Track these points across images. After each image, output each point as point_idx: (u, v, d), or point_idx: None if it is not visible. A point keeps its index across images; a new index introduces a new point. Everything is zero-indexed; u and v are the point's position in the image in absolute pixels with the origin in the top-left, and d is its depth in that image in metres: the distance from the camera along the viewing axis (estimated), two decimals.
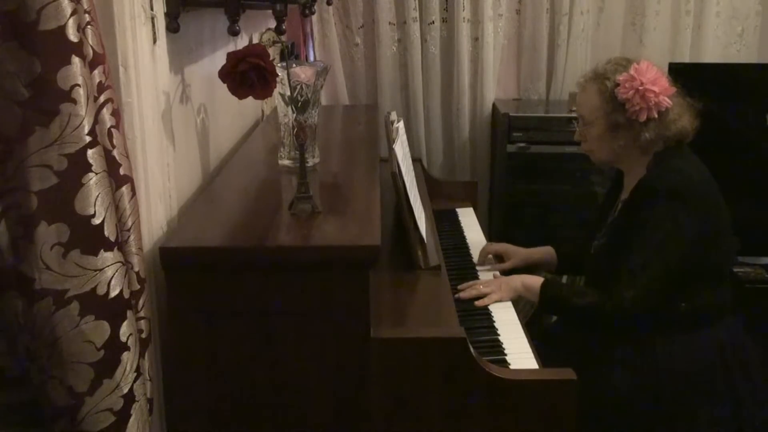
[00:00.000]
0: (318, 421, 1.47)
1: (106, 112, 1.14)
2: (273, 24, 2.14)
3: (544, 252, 2.26)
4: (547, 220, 3.29)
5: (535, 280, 1.94)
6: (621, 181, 2.03)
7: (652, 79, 1.81)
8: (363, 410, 1.47)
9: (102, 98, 1.13)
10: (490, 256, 2.24)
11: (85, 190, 1.05)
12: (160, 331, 1.44)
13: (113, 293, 1.10)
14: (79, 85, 1.03)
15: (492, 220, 3.42)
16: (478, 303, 1.91)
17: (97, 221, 1.07)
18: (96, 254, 1.07)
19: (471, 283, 1.99)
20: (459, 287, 1.95)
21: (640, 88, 1.80)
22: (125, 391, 1.14)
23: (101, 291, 1.08)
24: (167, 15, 1.53)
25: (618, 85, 1.84)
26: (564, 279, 2.53)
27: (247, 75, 1.48)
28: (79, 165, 1.04)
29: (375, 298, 1.48)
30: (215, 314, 1.42)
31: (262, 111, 2.64)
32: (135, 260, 1.22)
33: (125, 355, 1.13)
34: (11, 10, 0.97)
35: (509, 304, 1.93)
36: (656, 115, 1.83)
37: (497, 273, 2.13)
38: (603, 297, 1.80)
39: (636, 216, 1.83)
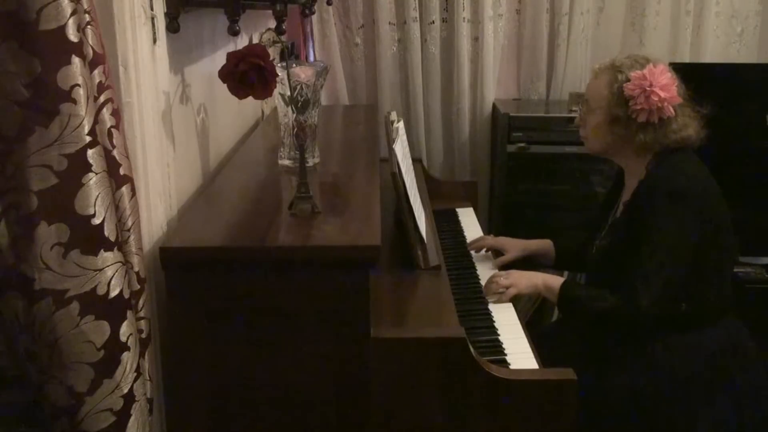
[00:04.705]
0: (318, 420, 1.47)
1: (106, 112, 1.14)
2: (273, 24, 2.14)
3: (542, 244, 2.27)
4: (547, 220, 3.28)
5: (556, 280, 1.94)
6: (622, 181, 2.03)
7: (663, 84, 1.81)
8: (363, 410, 1.47)
9: (102, 98, 1.13)
10: (487, 252, 2.24)
11: (85, 190, 1.05)
12: (160, 331, 1.44)
13: (113, 293, 1.10)
14: (79, 85, 1.03)
15: (492, 220, 3.41)
16: (495, 300, 1.93)
17: (97, 221, 1.07)
18: (96, 254, 1.07)
19: (492, 276, 2.00)
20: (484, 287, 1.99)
21: (648, 88, 1.80)
22: (125, 391, 1.14)
23: (101, 291, 1.08)
24: (167, 15, 1.53)
25: (629, 80, 1.84)
26: (565, 275, 2.52)
27: (247, 75, 1.48)
28: (79, 165, 1.04)
29: (375, 298, 1.48)
30: (215, 314, 1.42)
31: (262, 111, 2.64)
32: (135, 260, 1.23)
33: (125, 355, 1.13)
34: (11, 10, 0.97)
35: (509, 304, 1.93)
36: (656, 121, 1.83)
37: (497, 271, 2.13)
38: (621, 302, 1.79)
39: (639, 217, 1.82)
